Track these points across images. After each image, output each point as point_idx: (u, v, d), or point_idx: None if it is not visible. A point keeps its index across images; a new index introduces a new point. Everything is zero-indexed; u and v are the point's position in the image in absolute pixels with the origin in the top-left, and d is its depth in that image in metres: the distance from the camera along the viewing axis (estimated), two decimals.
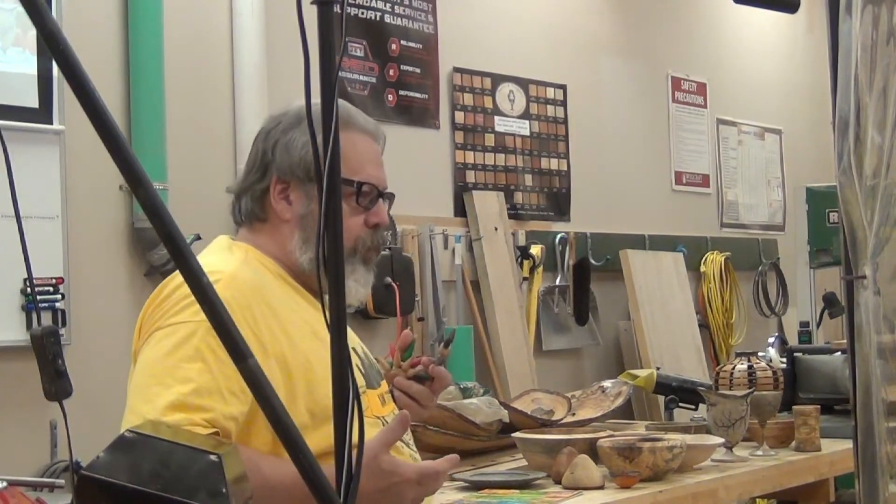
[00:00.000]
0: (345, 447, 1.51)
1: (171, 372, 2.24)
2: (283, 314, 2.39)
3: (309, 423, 2.32)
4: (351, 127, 2.53)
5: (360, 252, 2.51)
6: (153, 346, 2.31)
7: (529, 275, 5.82)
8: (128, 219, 4.31)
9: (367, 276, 2.53)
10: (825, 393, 4.45)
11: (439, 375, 2.74)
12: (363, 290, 2.52)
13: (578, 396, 4.29)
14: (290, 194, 2.50)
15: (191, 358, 2.24)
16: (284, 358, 2.33)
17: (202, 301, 1.27)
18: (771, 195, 7.84)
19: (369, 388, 2.51)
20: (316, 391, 2.33)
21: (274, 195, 2.50)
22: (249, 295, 2.36)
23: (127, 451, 1.35)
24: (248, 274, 2.42)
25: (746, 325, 7.14)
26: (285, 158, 2.49)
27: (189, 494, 1.32)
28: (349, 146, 2.48)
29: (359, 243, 2.51)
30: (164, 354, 2.27)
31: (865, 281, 2.15)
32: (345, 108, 2.55)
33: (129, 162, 1.24)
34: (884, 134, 2.08)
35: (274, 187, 2.51)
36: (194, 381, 2.21)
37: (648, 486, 3.33)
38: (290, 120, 2.51)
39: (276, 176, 2.50)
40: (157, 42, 4.36)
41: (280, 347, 2.34)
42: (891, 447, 2.13)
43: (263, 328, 2.33)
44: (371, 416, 2.46)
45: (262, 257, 2.51)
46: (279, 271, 2.50)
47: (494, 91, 5.87)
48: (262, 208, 2.54)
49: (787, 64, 8.09)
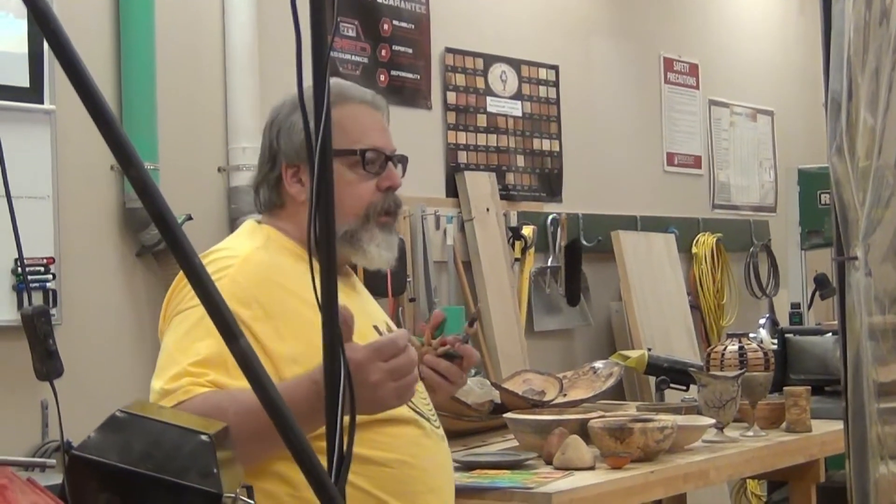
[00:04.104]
0: (336, 426, 1.51)
1: (185, 350, 2.32)
2: (304, 297, 2.32)
3: None
4: (347, 101, 2.59)
5: (373, 217, 2.55)
6: (172, 331, 2.39)
7: (521, 255, 5.82)
8: (119, 199, 4.30)
9: (388, 239, 2.58)
10: (816, 374, 4.46)
11: (467, 353, 2.76)
12: (387, 253, 2.57)
13: (570, 377, 4.29)
14: (302, 176, 2.55)
15: (202, 336, 2.29)
16: (297, 333, 2.36)
17: (194, 282, 1.27)
18: (762, 176, 7.85)
19: None
20: None
21: (287, 180, 2.56)
22: (262, 276, 2.43)
23: (118, 431, 1.35)
24: (262, 256, 2.48)
25: (738, 307, 7.15)
26: (289, 144, 2.55)
27: (180, 474, 1.32)
28: (349, 119, 2.56)
29: (370, 209, 2.55)
30: (180, 336, 2.35)
31: (857, 262, 2.16)
32: (338, 85, 2.59)
33: (120, 142, 1.23)
34: (876, 115, 2.08)
35: (285, 173, 2.56)
36: (202, 354, 2.28)
37: (639, 467, 3.33)
38: (290, 106, 2.57)
39: (285, 162, 2.56)
40: (148, 22, 4.35)
41: (293, 325, 2.37)
42: (881, 428, 2.14)
43: (277, 309, 2.39)
44: None
45: (284, 240, 2.56)
46: (300, 252, 2.53)
47: (486, 72, 5.86)
48: (279, 195, 2.60)
49: (779, 45, 8.08)
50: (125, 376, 4.23)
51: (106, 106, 1.23)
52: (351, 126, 2.56)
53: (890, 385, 2.16)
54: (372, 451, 2.39)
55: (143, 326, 4.30)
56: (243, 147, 4.59)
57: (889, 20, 2.10)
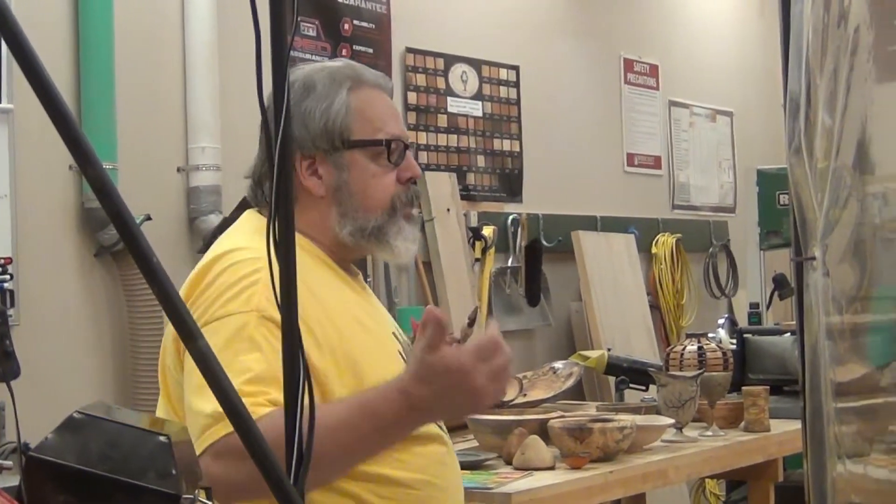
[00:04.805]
0: (295, 427, 1.51)
1: (229, 366, 2.01)
2: (328, 303, 2.30)
3: None
4: (363, 83, 2.44)
5: (400, 209, 2.41)
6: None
7: (481, 256, 5.82)
8: (77, 199, 4.27)
9: (414, 232, 2.44)
10: (774, 374, 4.48)
11: None
12: (413, 246, 2.44)
13: (530, 377, 4.30)
14: (319, 168, 2.39)
15: (247, 349, 2.15)
16: (334, 350, 2.25)
17: (151, 281, 1.26)
18: (722, 177, 7.88)
19: None
20: (362, 380, 2.25)
21: (302, 173, 2.38)
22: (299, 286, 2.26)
23: (76, 433, 1.34)
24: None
25: (697, 307, 7.18)
26: (305, 132, 2.37)
27: (138, 476, 1.31)
28: (367, 104, 2.42)
29: (396, 200, 2.41)
30: (219, 350, 2.08)
31: (815, 262, 2.17)
32: (349, 66, 2.48)
33: (79, 141, 1.23)
34: (834, 116, 2.09)
35: (300, 165, 2.38)
36: (252, 370, 2.12)
37: (599, 467, 3.34)
38: (299, 91, 2.38)
39: (300, 153, 2.37)
40: (107, 20, 4.32)
41: (329, 339, 2.25)
42: (838, 428, 2.15)
43: (314, 321, 2.22)
44: None
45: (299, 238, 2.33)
46: (316, 252, 2.40)
47: (447, 72, 5.86)
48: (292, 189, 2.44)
49: (738, 47, 8.12)
50: (83, 377, 4.21)
51: (64, 105, 1.22)
52: (371, 113, 2.41)
53: (847, 385, 2.17)
54: (401, 472, 2.28)
55: (101, 327, 4.28)
56: (203, 147, 4.57)
57: (847, 22, 2.11)
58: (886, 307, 2.15)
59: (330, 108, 2.40)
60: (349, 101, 2.41)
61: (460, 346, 2.10)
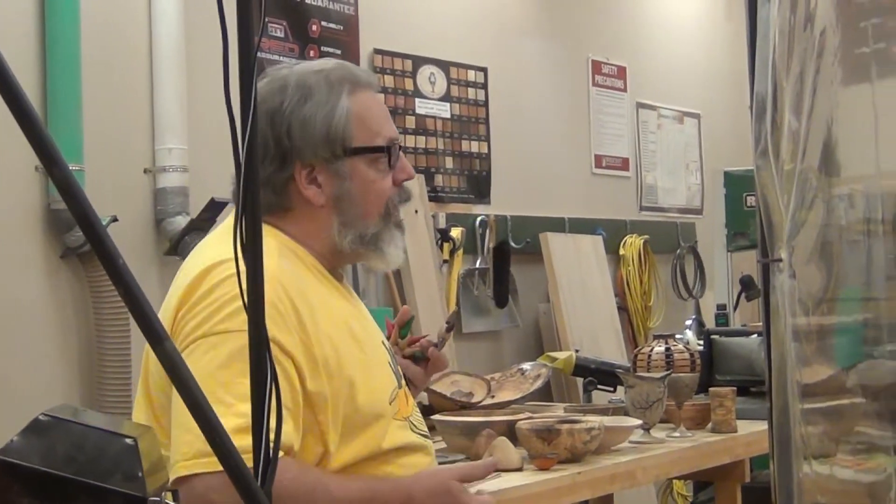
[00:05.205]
0: (262, 432, 1.50)
1: (229, 388, 2.08)
2: (322, 315, 2.27)
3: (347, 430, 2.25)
4: (359, 86, 2.39)
5: (393, 214, 2.39)
6: (200, 357, 2.13)
7: (449, 257, 5.82)
8: (43, 200, 4.25)
9: (403, 239, 2.42)
10: (741, 375, 4.50)
11: (437, 359, 2.67)
12: (402, 253, 2.42)
13: (498, 379, 4.30)
14: (318, 177, 2.33)
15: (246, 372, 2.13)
16: (328, 363, 2.23)
17: (117, 282, 1.25)
18: (689, 179, 7.90)
19: (399, 389, 2.41)
20: (355, 397, 2.25)
21: (301, 183, 2.32)
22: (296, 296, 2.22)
23: (41, 435, 1.33)
24: (289, 272, 2.24)
25: (664, 308, 7.20)
26: (305, 140, 2.31)
27: (104, 478, 1.31)
28: (365, 109, 2.37)
29: (390, 205, 2.39)
30: (218, 367, 2.11)
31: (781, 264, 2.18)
32: (344, 67, 2.42)
33: (44, 142, 1.22)
34: (800, 118, 2.10)
35: (299, 174, 2.32)
36: None
37: (567, 468, 3.34)
38: (295, 96, 2.33)
39: (299, 162, 2.31)
40: (73, 21, 4.30)
41: (325, 352, 2.23)
42: (805, 428, 2.16)
43: (311, 333, 2.21)
44: (401, 417, 2.38)
45: (292, 244, 2.34)
46: (311, 261, 2.36)
47: (415, 73, 5.86)
48: (288, 198, 2.33)
49: (706, 49, 8.14)
50: (49, 380, 4.18)
51: (29, 105, 1.21)
52: (369, 118, 2.37)
53: (813, 386, 2.18)
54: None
55: (67, 329, 4.25)
56: (170, 148, 4.55)
57: (813, 25, 2.12)
58: (852, 308, 2.17)
59: (331, 115, 2.34)
60: (350, 107, 2.35)
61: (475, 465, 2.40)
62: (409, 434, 2.38)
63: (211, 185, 4.52)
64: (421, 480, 2.28)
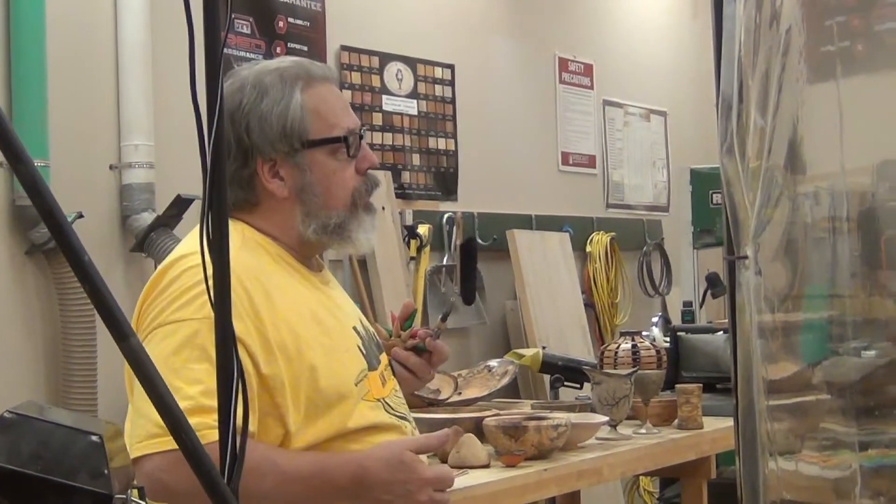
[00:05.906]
0: (229, 427, 1.50)
1: (179, 373, 2.17)
2: (282, 301, 2.33)
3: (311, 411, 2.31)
4: (313, 80, 2.45)
5: (360, 202, 2.46)
6: (156, 345, 2.21)
7: (416, 254, 5.82)
8: (8, 196, 4.23)
9: (373, 222, 2.49)
10: (707, 372, 4.51)
11: (437, 349, 2.72)
12: (372, 236, 2.49)
13: (465, 375, 4.30)
14: (281, 170, 2.40)
15: (197, 358, 2.18)
16: (286, 347, 2.28)
17: (83, 279, 1.25)
18: (656, 176, 7.93)
19: (370, 371, 2.46)
20: (317, 380, 2.31)
21: (264, 177, 2.40)
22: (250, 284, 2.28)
23: (6, 433, 1.33)
24: (247, 260, 2.32)
25: (631, 305, 7.22)
26: (263, 136, 2.39)
27: (70, 475, 1.30)
28: (320, 102, 2.44)
29: (356, 195, 2.46)
30: (169, 354, 2.20)
31: (747, 261, 2.18)
32: (299, 64, 2.47)
33: (9, 138, 1.21)
34: (766, 116, 2.11)
35: (262, 169, 2.40)
36: (203, 383, 2.14)
37: (534, 465, 3.35)
38: (251, 94, 2.41)
39: (261, 157, 2.40)
40: (38, 17, 4.27)
41: (281, 337, 2.28)
42: (770, 425, 2.17)
43: (266, 319, 2.27)
44: (372, 398, 2.43)
45: (259, 237, 2.42)
46: (278, 251, 2.43)
47: (382, 70, 5.85)
48: (254, 193, 2.42)
49: (673, 48, 8.17)
50: (14, 377, 4.16)
51: None
52: (325, 110, 2.44)
53: (779, 382, 2.19)
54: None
55: (33, 326, 4.23)
56: (136, 145, 4.53)
57: (779, 23, 2.13)
58: (818, 305, 2.18)
59: (286, 110, 2.41)
60: (304, 102, 2.43)
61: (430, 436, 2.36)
62: (381, 414, 2.43)
63: (177, 181, 4.50)
64: (374, 452, 2.31)
